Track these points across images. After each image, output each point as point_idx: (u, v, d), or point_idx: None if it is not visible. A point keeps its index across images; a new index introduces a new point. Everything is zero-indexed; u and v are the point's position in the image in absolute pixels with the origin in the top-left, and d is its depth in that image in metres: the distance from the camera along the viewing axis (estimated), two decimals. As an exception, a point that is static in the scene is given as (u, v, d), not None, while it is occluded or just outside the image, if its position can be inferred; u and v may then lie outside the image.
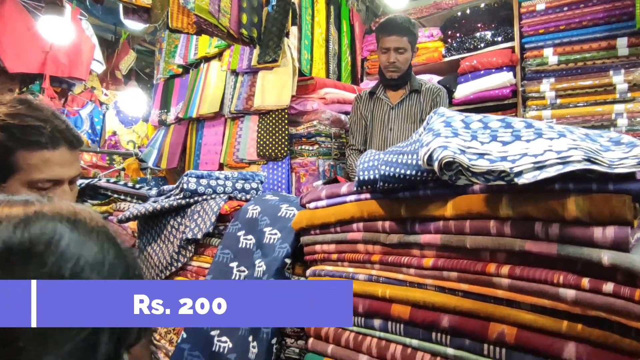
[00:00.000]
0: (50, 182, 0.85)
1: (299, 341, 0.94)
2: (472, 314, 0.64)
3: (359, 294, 0.79)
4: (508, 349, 0.61)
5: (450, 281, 0.67)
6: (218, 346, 0.98)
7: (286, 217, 1.06)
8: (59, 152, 0.85)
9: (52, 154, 0.83)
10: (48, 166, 0.83)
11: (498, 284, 0.61)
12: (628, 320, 0.49)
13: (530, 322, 0.58)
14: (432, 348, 0.69)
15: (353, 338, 0.80)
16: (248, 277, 1.02)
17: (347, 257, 0.84)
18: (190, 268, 1.25)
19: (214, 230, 1.22)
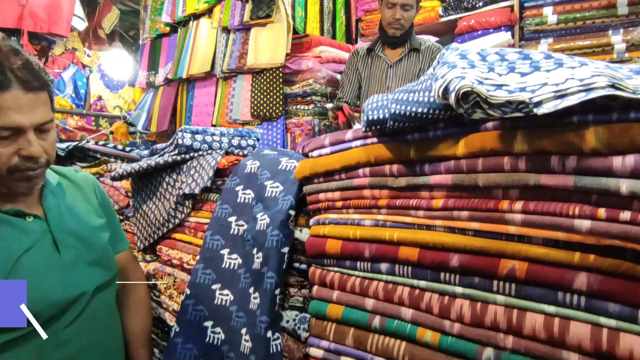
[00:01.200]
0: (8, 130, 0.76)
1: (303, 290, 0.94)
2: (482, 251, 0.64)
3: (364, 239, 0.79)
4: (518, 283, 0.61)
5: (461, 221, 0.66)
6: (220, 299, 0.98)
7: (287, 169, 1.04)
8: (10, 95, 0.75)
9: (2, 97, 0.74)
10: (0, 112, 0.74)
11: (510, 220, 0.60)
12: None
13: (542, 256, 0.58)
14: (441, 288, 0.69)
15: (359, 283, 0.80)
16: (248, 230, 1.01)
17: (353, 204, 0.83)
18: (188, 224, 1.23)
19: (212, 185, 1.19)
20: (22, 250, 0.83)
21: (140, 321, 1.02)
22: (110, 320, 0.96)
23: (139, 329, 1.00)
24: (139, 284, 1.10)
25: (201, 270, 1.03)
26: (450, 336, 0.67)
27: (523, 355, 0.60)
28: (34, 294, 0.80)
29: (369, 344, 0.76)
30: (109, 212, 1.09)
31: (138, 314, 1.03)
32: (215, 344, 0.93)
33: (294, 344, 0.89)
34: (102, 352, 0.90)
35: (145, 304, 1.07)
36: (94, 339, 0.89)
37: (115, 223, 1.11)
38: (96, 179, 1.14)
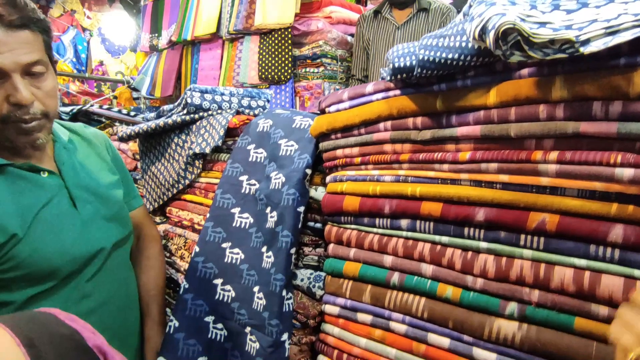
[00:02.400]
0: None
1: (317, 249, 0.94)
2: (510, 205, 0.62)
3: (385, 195, 0.77)
4: (547, 237, 0.60)
5: (489, 173, 0.64)
6: (230, 258, 0.98)
7: (301, 128, 1.01)
8: None
9: None
10: None
11: (544, 171, 0.58)
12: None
13: (576, 208, 0.56)
14: (464, 243, 0.68)
15: (377, 240, 0.79)
16: (260, 189, 0.99)
17: (372, 160, 0.80)
18: (199, 185, 1.22)
19: (223, 145, 1.17)
20: (41, 205, 0.82)
21: (153, 277, 1.02)
22: (127, 275, 0.97)
23: (151, 285, 1.01)
24: (153, 241, 1.10)
25: (211, 229, 1.02)
26: (473, 291, 0.66)
27: (549, 309, 0.59)
28: (55, 249, 0.80)
29: (386, 300, 0.76)
30: (122, 169, 1.08)
31: (152, 270, 1.04)
32: (226, 300, 0.93)
33: (308, 301, 0.89)
34: (121, 306, 0.92)
35: (158, 261, 1.07)
36: (114, 293, 0.90)
37: (128, 180, 1.10)
38: (106, 136, 1.12)
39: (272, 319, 0.82)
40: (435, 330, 0.70)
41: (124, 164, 1.13)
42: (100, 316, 0.86)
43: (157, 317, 0.99)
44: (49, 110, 0.80)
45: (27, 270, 0.78)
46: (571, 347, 0.57)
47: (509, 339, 0.62)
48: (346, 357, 0.82)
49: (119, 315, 0.91)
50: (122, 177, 1.05)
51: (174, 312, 0.95)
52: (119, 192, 1.00)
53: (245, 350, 0.85)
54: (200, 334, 0.91)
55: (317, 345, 0.89)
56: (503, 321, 0.63)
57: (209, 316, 0.93)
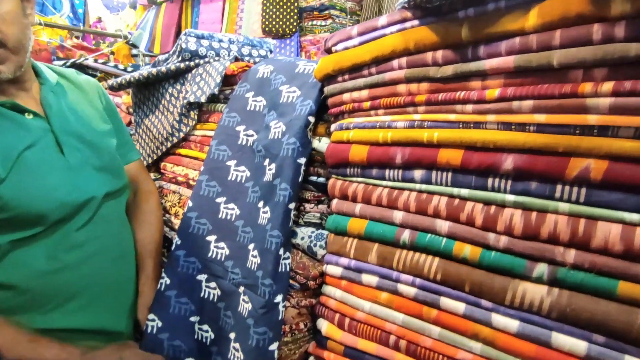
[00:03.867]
0: None
1: (320, 205, 0.86)
2: (547, 150, 0.53)
3: (397, 143, 0.68)
4: (590, 187, 0.51)
5: (521, 114, 0.55)
6: (225, 213, 0.91)
7: (305, 73, 0.92)
8: None
9: None
10: None
11: (593, 106, 0.48)
12: None
13: (631, 150, 0.47)
14: (487, 196, 0.59)
15: (387, 194, 0.71)
16: (258, 140, 0.91)
17: (384, 103, 0.71)
18: (194, 138, 1.14)
19: (220, 94, 1.08)
20: (24, 147, 0.77)
21: (149, 232, 0.97)
22: (122, 228, 0.93)
23: (147, 240, 0.96)
24: (150, 196, 1.04)
25: (205, 182, 0.95)
26: (495, 251, 0.58)
27: (586, 271, 0.51)
28: (39, 192, 0.76)
29: (395, 260, 0.68)
30: (116, 118, 1.01)
31: (148, 225, 0.98)
32: (219, 258, 0.87)
33: (309, 261, 0.83)
34: (115, 258, 0.88)
35: (155, 216, 1.02)
36: (107, 244, 0.86)
37: (123, 131, 1.03)
38: (100, 84, 1.04)
39: (266, 278, 0.76)
40: (449, 294, 0.63)
41: (118, 113, 1.05)
42: (92, 267, 0.83)
43: (152, 272, 0.94)
44: (6, 38, 0.71)
45: (11, 213, 0.74)
46: (610, 314, 0.50)
47: (536, 305, 0.55)
48: (348, 321, 0.76)
49: (112, 267, 0.87)
50: (116, 128, 0.98)
51: (166, 269, 0.90)
52: (111, 141, 0.94)
53: (238, 311, 0.80)
54: (193, 292, 0.86)
55: (316, 308, 0.83)
56: (529, 285, 0.55)
57: (201, 274, 0.88)
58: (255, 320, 0.74)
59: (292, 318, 0.83)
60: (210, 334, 0.83)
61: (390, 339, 0.70)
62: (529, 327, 0.56)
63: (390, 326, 0.70)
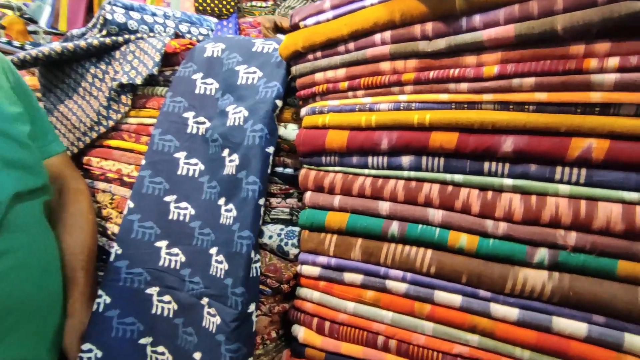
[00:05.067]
0: None
1: (289, 199, 0.79)
2: (548, 130, 0.52)
3: (382, 126, 0.63)
4: (591, 168, 0.51)
5: (522, 92, 0.53)
6: (176, 214, 0.79)
7: (265, 52, 0.83)
8: None
9: None
10: None
11: (597, 83, 0.48)
12: None
13: (632, 128, 0.47)
14: (484, 181, 0.57)
15: (370, 183, 0.66)
16: (213, 128, 0.80)
17: (364, 83, 0.65)
18: (128, 127, 0.98)
19: (159, 75, 0.94)
20: None
21: (80, 239, 0.80)
22: (42, 236, 0.75)
23: (78, 248, 0.79)
24: (80, 195, 0.87)
25: (148, 179, 0.82)
26: (493, 238, 0.57)
27: (587, 252, 0.51)
28: None
29: (383, 255, 0.64)
30: (28, 100, 0.82)
31: (78, 230, 0.81)
32: (174, 267, 0.76)
33: (280, 262, 0.75)
34: (35, 273, 0.70)
35: (87, 219, 0.85)
36: (23, 257, 0.69)
37: (38, 116, 0.84)
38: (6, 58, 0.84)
39: (237, 286, 0.67)
40: (445, 287, 0.60)
41: (32, 94, 0.86)
42: (4, 287, 0.66)
43: (85, 288, 0.78)
44: None
45: None
46: (612, 294, 0.50)
47: (537, 291, 0.54)
48: (329, 325, 0.71)
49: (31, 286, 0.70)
50: (30, 112, 0.80)
51: (103, 285, 0.75)
52: (21, 128, 0.76)
53: (203, 326, 0.70)
54: (141, 310, 0.73)
55: (291, 313, 0.76)
56: (530, 271, 0.54)
57: (151, 287, 0.75)
58: (227, 336, 0.65)
59: (264, 327, 0.75)
60: (167, 357, 0.72)
61: (379, 339, 0.66)
62: (530, 314, 0.55)
63: (378, 326, 0.66)
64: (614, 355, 0.51)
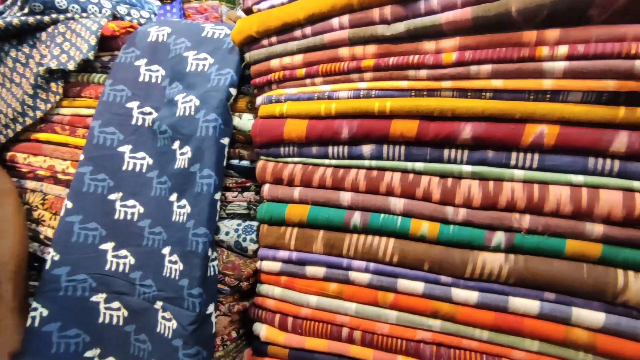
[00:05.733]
0: None
1: (245, 193, 0.76)
2: (504, 117, 0.53)
3: (342, 115, 0.62)
4: (543, 152, 0.54)
5: (479, 79, 0.54)
6: (123, 213, 0.74)
7: (216, 37, 0.79)
8: None
9: None
10: None
11: (549, 71, 0.50)
12: None
13: (580, 115, 0.50)
14: (443, 169, 0.58)
15: (331, 174, 0.65)
16: (160, 119, 0.75)
17: (323, 70, 0.64)
18: (60, 118, 0.89)
19: (96, 60, 0.86)
20: None
21: (7, 246, 0.72)
22: None
23: (6, 257, 0.71)
24: (5, 197, 0.78)
25: (89, 176, 0.75)
26: (453, 224, 0.58)
27: (540, 234, 0.54)
28: None
29: (345, 246, 0.64)
30: None
31: (4, 237, 0.73)
32: (122, 270, 0.71)
33: (238, 259, 0.72)
34: None
35: (14, 224, 0.76)
36: None
37: None
38: None
39: (194, 287, 0.64)
40: (407, 275, 0.61)
41: None
42: None
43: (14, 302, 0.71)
44: None
45: None
46: (562, 272, 0.54)
47: (495, 274, 0.56)
48: (292, 321, 0.69)
49: None
50: None
51: (39, 296, 0.69)
52: None
53: (157, 332, 0.66)
54: (86, 319, 0.68)
55: (251, 311, 0.74)
56: (488, 255, 0.57)
57: (97, 294, 0.69)
58: (185, 341, 0.62)
59: (224, 328, 0.72)
60: (117, 368, 0.67)
61: (343, 332, 0.66)
62: (488, 296, 0.57)
63: (342, 318, 0.66)
64: (563, 329, 0.55)
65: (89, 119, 0.84)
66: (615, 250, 0.52)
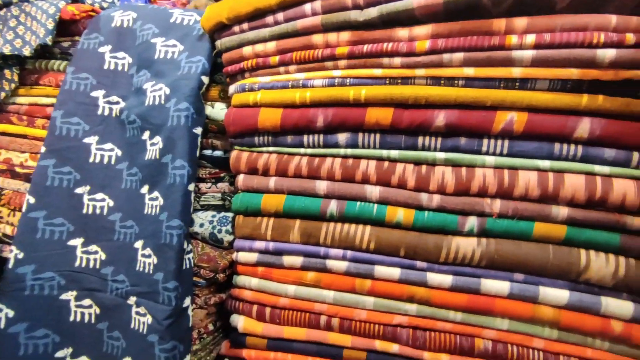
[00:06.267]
0: None
1: (220, 184, 0.75)
2: (476, 104, 0.55)
3: (317, 103, 0.63)
4: (512, 139, 0.56)
5: (452, 67, 0.56)
6: (92, 207, 0.71)
7: (185, 23, 0.77)
8: None
9: None
10: None
11: (518, 59, 0.52)
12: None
13: (547, 102, 0.53)
14: (418, 156, 0.60)
15: (307, 163, 0.65)
16: (129, 108, 0.73)
17: (297, 57, 0.64)
18: (17, 108, 0.85)
19: (55, 46, 0.82)
20: None
21: None
22: None
23: None
24: None
25: (53, 169, 0.72)
26: (428, 211, 0.60)
27: (510, 218, 0.57)
28: None
29: (322, 235, 0.64)
30: None
31: None
32: (92, 266, 0.69)
33: (213, 251, 0.72)
34: None
35: None
36: None
37: None
38: None
39: (169, 281, 0.63)
40: (383, 261, 0.63)
41: None
42: None
43: None
44: None
45: None
46: (530, 254, 0.56)
47: (468, 257, 0.58)
48: (270, 311, 0.70)
49: None
50: None
51: (3, 297, 0.66)
52: None
53: (131, 328, 0.65)
54: (55, 319, 0.65)
55: (228, 303, 0.74)
56: (461, 239, 0.59)
57: (67, 292, 0.67)
58: (161, 336, 0.61)
59: (201, 321, 0.72)
60: (90, 367, 0.66)
61: (321, 319, 0.67)
62: (462, 279, 0.60)
63: (320, 306, 0.67)
64: (530, 307, 0.58)
65: (49, 109, 0.80)
66: (579, 232, 0.55)
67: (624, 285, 0.54)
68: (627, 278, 0.54)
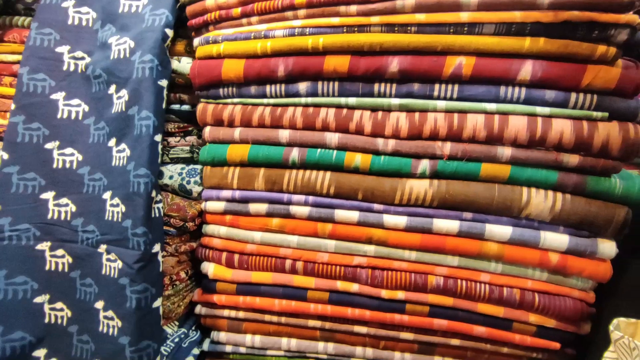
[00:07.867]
0: None
1: (188, 137, 0.77)
2: (427, 50, 0.57)
3: (278, 53, 0.64)
4: (461, 83, 0.58)
5: (404, 13, 0.57)
6: (61, 161, 0.73)
7: (147, -23, 0.76)
8: None
9: None
10: None
11: (465, 4, 0.54)
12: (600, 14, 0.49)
13: (493, 45, 0.55)
14: (374, 103, 0.62)
15: (270, 113, 0.67)
16: (94, 63, 0.73)
17: (258, 9, 0.65)
18: (-16, 67, 0.84)
19: (17, 3, 0.81)
20: None
21: None
22: None
23: None
24: None
25: (22, 125, 0.73)
26: (384, 155, 0.63)
27: (459, 159, 0.60)
28: None
29: (285, 182, 0.67)
30: None
31: None
32: (64, 218, 0.70)
33: (183, 201, 0.74)
34: None
35: None
36: None
37: None
38: None
39: (137, 227, 0.65)
40: (343, 205, 0.66)
41: None
42: None
43: None
44: None
45: None
46: (477, 193, 0.60)
47: (420, 198, 0.62)
48: (238, 257, 0.73)
49: None
50: None
51: None
52: None
53: (102, 274, 0.67)
54: (32, 267, 0.68)
55: (198, 251, 0.77)
56: (415, 181, 0.62)
57: (42, 242, 0.69)
58: (132, 278, 0.63)
59: (172, 268, 0.74)
60: (66, 312, 0.68)
61: (287, 263, 0.71)
62: (415, 219, 0.63)
63: (285, 251, 0.70)
64: (478, 244, 0.62)
65: (15, 66, 0.80)
66: (521, 170, 0.58)
67: (560, 219, 0.58)
68: (563, 212, 0.58)
